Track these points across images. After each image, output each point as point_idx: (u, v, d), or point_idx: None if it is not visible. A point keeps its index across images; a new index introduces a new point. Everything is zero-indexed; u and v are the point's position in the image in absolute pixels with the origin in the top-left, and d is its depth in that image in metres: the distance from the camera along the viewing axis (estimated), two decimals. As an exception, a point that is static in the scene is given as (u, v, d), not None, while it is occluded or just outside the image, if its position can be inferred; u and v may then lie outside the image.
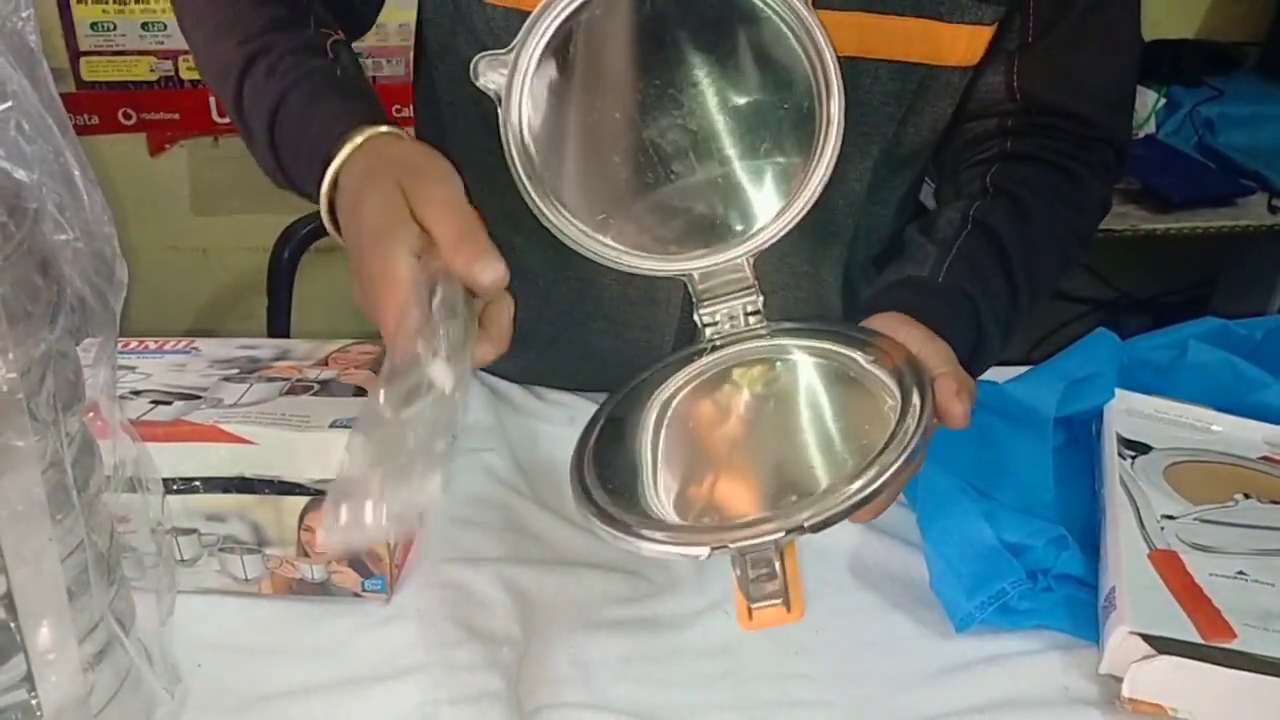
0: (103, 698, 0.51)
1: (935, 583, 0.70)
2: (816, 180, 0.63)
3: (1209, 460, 0.79)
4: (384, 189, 0.60)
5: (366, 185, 0.61)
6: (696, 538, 0.52)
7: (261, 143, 0.72)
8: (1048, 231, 0.81)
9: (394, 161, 0.62)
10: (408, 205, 0.58)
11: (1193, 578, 0.67)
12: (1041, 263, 0.80)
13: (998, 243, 0.78)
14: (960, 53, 0.79)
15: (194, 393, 0.69)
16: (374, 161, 0.63)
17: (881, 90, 0.79)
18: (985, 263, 0.77)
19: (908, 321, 0.66)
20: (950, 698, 0.64)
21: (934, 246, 0.78)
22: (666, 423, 0.61)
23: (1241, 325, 0.92)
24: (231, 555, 0.67)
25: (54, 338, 0.45)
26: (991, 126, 0.85)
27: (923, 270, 0.76)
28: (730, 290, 0.65)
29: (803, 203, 0.64)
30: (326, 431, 0.65)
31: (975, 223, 0.79)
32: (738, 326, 0.65)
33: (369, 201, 0.60)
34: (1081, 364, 0.85)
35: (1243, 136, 1.90)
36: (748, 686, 0.65)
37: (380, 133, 0.65)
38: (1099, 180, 0.85)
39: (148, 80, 1.98)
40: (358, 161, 0.64)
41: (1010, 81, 0.83)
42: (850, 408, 0.61)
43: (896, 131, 0.82)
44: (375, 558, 0.66)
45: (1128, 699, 0.62)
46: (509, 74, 0.63)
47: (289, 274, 1.40)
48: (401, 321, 0.55)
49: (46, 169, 0.46)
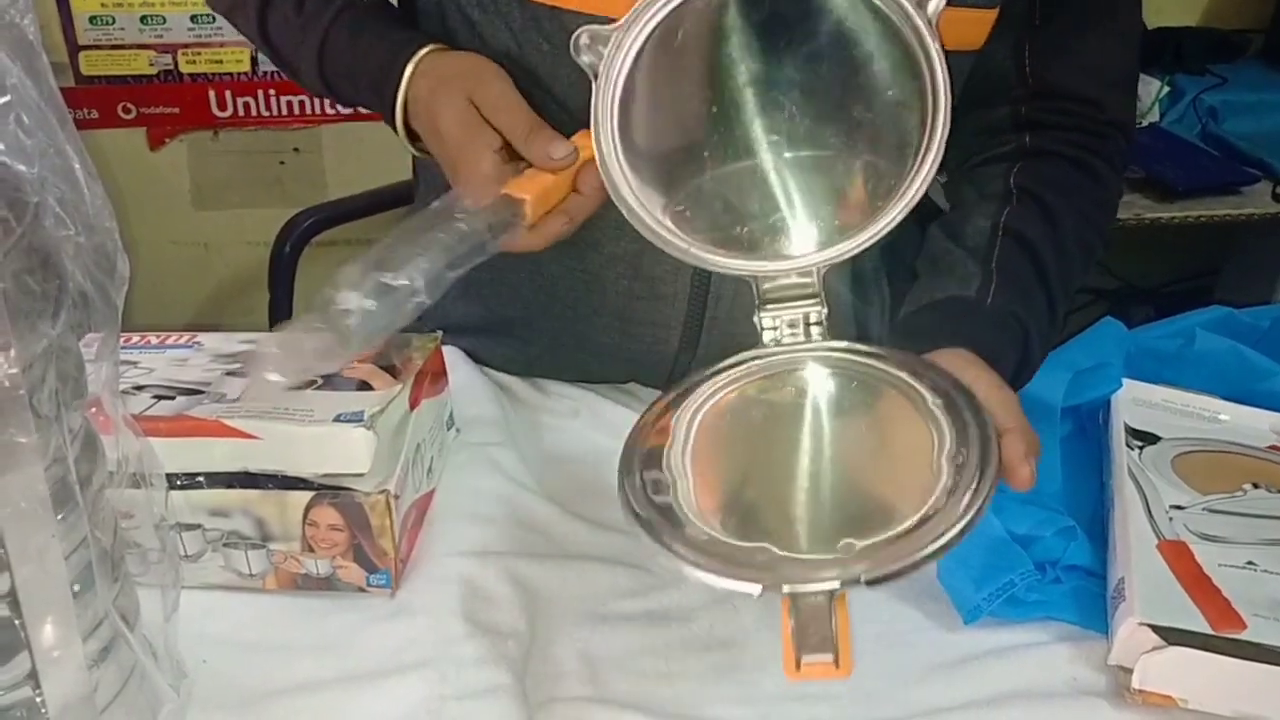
0: (108, 695, 0.50)
1: (943, 575, 0.70)
2: (906, 199, 0.60)
3: (1217, 450, 0.79)
4: (455, 102, 0.71)
5: (437, 101, 0.72)
6: (749, 572, 0.49)
7: (309, 75, 0.82)
8: (1076, 237, 0.81)
9: (454, 74, 0.73)
10: (478, 111, 0.70)
11: (1202, 568, 0.66)
12: (1072, 269, 0.81)
13: (1034, 254, 0.78)
14: (968, 37, 0.78)
15: (197, 388, 0.69)
16: (434, 80, 0.73)
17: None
18: (1027, 279, 0.78)
19: (975, 363, 0.65)
20: (958, 690, 0.64)
21: (973, 262, 0.77)
22: (717, 431, 0.59)
23: (1248, 314, 0.92)
24: (236, 550, 0.67)
25: (56, 333, 0.45)
26: (1004, 115, 0.85)
27: (969, 290, 0.76)
28: (795, 297, 0.63)
29: (886, 220, 0.61)
30: (330, 426, 0.64)
31: (1008, 232, 0.79)
32: (797, 336, 0.62)
33: (444, 117, 0.71)
34: (1088, 354, 0.85)
35: (1247, 124, 1.89)
36: (754, 680, 0.64)
37: (428, 50, 0.75)
38: (1115, 172, 0.85)
39: (147, 74, 1.97)
40: (420, 83, 0.74)
41: (1021, 64, 0.83)
42: (910, 446, 0.57)
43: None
44: (380, 552, 0.66)
45: (1137, 690, 0.62)
46: (609, 52, 0.63)
47: (290, 268, 1.40)
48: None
49: (47, 163, 0.46)
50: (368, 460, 0.64)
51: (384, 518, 0.65)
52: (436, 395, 0.76)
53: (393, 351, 0.73)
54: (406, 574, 0.69)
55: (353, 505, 0.64)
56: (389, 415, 0.66)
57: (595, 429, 0.85)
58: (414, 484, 0.70)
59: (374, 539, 0.65)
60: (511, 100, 0.70)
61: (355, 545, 0.66)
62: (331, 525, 0.65)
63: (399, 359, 0.72)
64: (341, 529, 0.65)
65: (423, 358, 0.73)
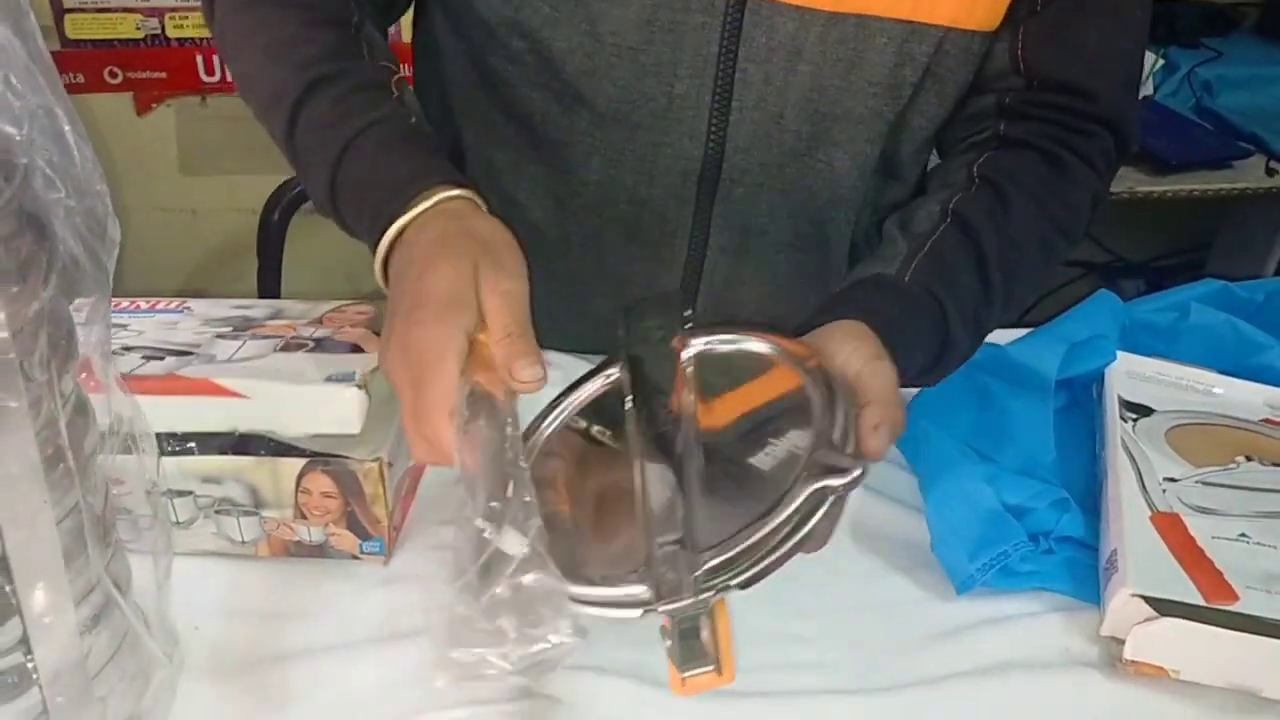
0: (100, 660, 0.50)
1: (936, 545, 0.70)
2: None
3: (1210, 423, 0.79)
4: (460, 263, 0.60)
5: (443, 251, 0.61)
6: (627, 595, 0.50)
7: (318, 175, 0.70)
8: (1029, 225, 0.78)
9: (475, 237, 0.62)
10: (484, 290, 0.59)
11: (1195, 540, 0.66)
12: (1020, 258, 0.77)
13: (974, 237, 0.75)
14: (979, 16, 0.77)
15: (186, 349, 0.68)
16: (453, 229, 0.63)
17: (895, 52, 0.77)
18: (957, 260, 0.75)
19: (857, 334, 0.64)
20: (951, 660, 0.64)
21: (906, 242, 0.75)
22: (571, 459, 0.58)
23: (1243, 287, 0.92)
24: (228, 517, 0.66)
25: (47, 296, 0.44)
26: (989, 104, 0.83)
27: (890, 268, 0.73)
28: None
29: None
30: (321, 385, 0.64)
31: (953, 215, 0.76)
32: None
33: (442, 268, 0.60)
34: (1083, 326, 0.85)
35: (1241, 98, 1.88)
36: (749, 649, 0.64)
37: (457, 196, 0.65)
38: (1092, 170, 0.82)
39: (134, 38, 1.94)
40: (433, 222, 0.64)
41: (1015, 50, 0.80)
42: (770, 436, 0.57)
43: (913, 96, 0.80)
44: (374, 520, 0.65)
45: (1129, 660, 0.62)
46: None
47: (279, 236, 1.39)
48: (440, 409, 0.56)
49: (36, 125, 0.45)
50: (359, 421, 0.64)
51: (377, 485, 0.64)
52: (429, 363, 0.76)
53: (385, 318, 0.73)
54: (400, 542, 0.69)
55: (346, 473, 0.64)
56: (380, 377, 0.66)
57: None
58: (406, 452, 0.70)
59: (367, 506, 0.65)
60: (516, 293, 0.60)
61: (348, 512, 0.65)
62: (324, 493, 0.65)
63: (392, 326, 0.72)
64: (335, 496, 0.65)
65: (416, 325, 0.72)
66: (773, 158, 0.81)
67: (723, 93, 0.78)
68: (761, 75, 0.77)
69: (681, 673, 0.49)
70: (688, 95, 0.78)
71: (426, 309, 0.59)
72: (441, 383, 0.56)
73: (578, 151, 0.83)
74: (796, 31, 0.75)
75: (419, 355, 0.57)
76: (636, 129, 0.80)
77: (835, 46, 0.76)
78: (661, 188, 0.82)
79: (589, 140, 0.82)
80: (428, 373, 0.57)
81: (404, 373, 0.58)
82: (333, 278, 2.07)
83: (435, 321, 0.58)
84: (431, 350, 0.57)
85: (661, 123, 0.80)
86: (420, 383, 0.57)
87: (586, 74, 0.78)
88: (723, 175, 0.81)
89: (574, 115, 0.81)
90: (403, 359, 0.59)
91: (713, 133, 0.80)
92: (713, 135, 0.80)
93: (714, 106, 0.79)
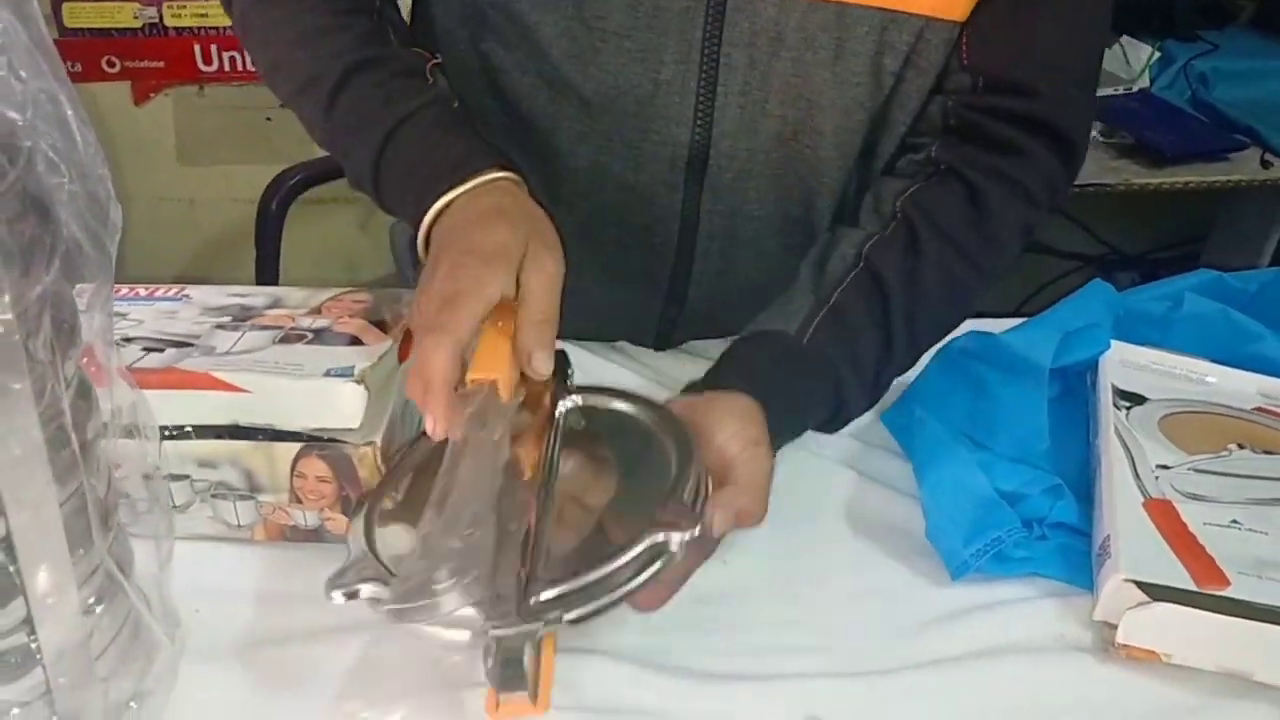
0: (102, 641, 0.50)
1: (931, 531, 0.71)
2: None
3: (1203, 411, 0.80)
4: (515, 228, 0.63)
5: (499, 216, 0.65)
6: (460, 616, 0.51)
7: (362, 154, 0.74)
8: (941, 273, 0.78)
9: (530, 214, 0.67)
10: (527, 259, 0.62)
11: (1187, 526, 0.67)
12: (928, 308, 0.78)
13: (882, 289, 0.76)
14: (960, 7, 0.77)
15: (186, 340, 0.68)
16: (507, 201, 0.67)
17: (875, 41, 0.78)
18: (860, 318, 0.75)
19: (742, 413, 0.66)
20: (945, 644, 0.65)
21: (813, 293, 0.76)
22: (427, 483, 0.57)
23: (1237, 278, 0.92)
24: (224, 502, 0.67)
25: (50, 279, 0.44)
26: (936, 115, 0.81)
27: (792, 325, 0.74)
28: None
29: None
30: (320, 380, 0.64)
31: (865, 262, 0.77)
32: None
33: (499, 227, 0.63)
34: (1077, 315, 0.85)
35: (1237, 91, 1.88)
36: (746, 633, 0.65)
37: (509, 177, 0.69)
38: (1027, 203, 0.80)
39: (131, 27, 1.94)
40: (488, 195, 0.68)
41: (962, 43, 0.78)
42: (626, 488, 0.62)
43: (895, 87, 0.81)
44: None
45: (1121, 645, 0.63)
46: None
47: (277, 225, 1.39)
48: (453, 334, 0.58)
49: (39, 111, 0.45)
50: (358, 415, 0.64)
51: (372, 469, 0.65)
52: (428, 350, 0.76)
53: (383, 306, 0.73)
54: (397, 527, 0.69)
55: (341, 457, 0.64)
56: (379, 370, 0.66)
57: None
58: (402, 438, 0.70)
59: (362, 490, 0.65)
60: (555, 276, 0.63)
61: (343, 497, 0.66)
62: (319, 477, 0.65)
63: (389, 314, 0.72)
64: (329, 481, 0.65)
65: (414, 312, 0.72)
66: (759, 144, 0.82)
67: (708, 79, 0.78)
68: (746, 60, 0.78)
69: (497, 695, 0.51)
70: (674, 81, 0.79)
71: (474, 255, 0.62)
72: (464, 312, 0.59)
73: (566, 138, 0.83)
74: (778, 17, 0.76)
75: (454, 285, 0.60)
76: (624, 116, 0.81)
77: (817, 34, 0.77)
78: (650, 174, 0.83)
79: (577, 127, 0.82)
80: (456, 299, 0.59)
81: (431, 305, 0.60)
82: (331, 267, 2.08)
83: (480, 265, 0.61)
84: (466, 283, 0.60)
85: (649, 109, 0.80)
86: (446, 305, 0.59)
87: (573, 59, 0.79)
88: (710, 161, 0.82)
89: (562, 102, 0.81)
90: (437, 291, 0.61)
91: (699, 119, 0.80)
92: (699, 121, 0.80)
93: (700, 93, 0.79)
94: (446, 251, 0.64)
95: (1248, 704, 0.62)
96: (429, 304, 0.61)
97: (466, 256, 0.62)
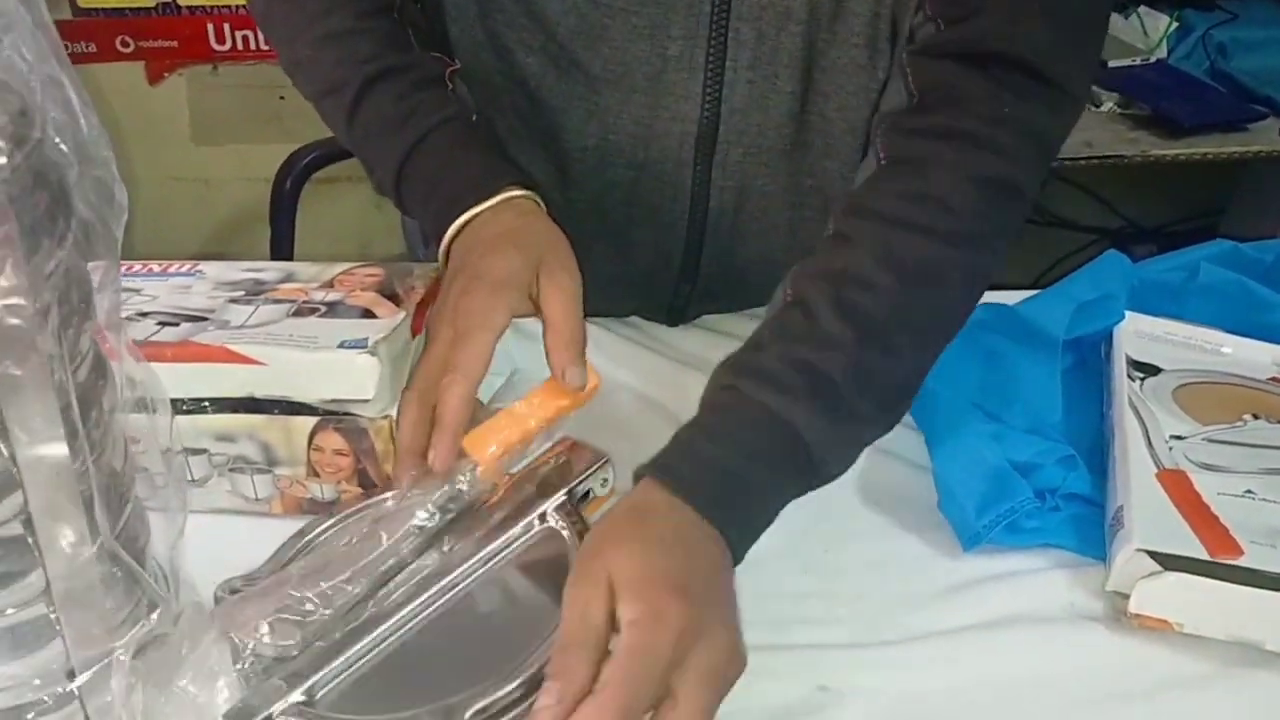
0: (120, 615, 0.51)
1: (943, 503, 0.71)
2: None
3: (1218, 381, 0.79)
4: (524, 252, 0.66)
5: (509, 239, 0.68)
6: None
7: (385, 165, 0.75)
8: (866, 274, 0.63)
9: (544, 233, 0.69)
10: (537, 277, 0.65)
11: (1200, 496, 0.67)
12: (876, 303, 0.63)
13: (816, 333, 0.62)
14: None
15: (200, 314, 0.69)
16: (520, 224, 0.70)
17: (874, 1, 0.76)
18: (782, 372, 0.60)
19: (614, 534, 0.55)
20: (958, 615, 0.65)
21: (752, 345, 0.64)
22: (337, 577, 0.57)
23: (1252, 248, 0.91)
24: (242, 475, 0.67)
25: (64, 254, 0.45)
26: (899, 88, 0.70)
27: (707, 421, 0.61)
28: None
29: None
30: (335, 352, 0.65)
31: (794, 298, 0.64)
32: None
33: (507, 251, 0.67)
34: (1091, 286, 0.85)
35: (1255, 61, 1.86)
36: (759, 604, 0.65)
37: (525, 196, 0.71)
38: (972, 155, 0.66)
39: (145, 7, 1.95)
40: (503, 214, 0.70)
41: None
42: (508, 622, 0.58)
43: (893, 51, 0.79)
44: (384, 477, 0.66)
45: (1134, 614, 0.63)
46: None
47: (291, 204, 1.40)
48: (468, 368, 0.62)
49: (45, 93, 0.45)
50: (372, 386, 0.65)
51: (388, 442, 0.65)
52: (440, 324, 0.76)
53: (395, 280, 0.73)
54: (412, 500, 0.70)
55: (357, 430, 0.65)
56: (392, 342, 0.66)
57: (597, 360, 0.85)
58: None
59: (378, 463, 0.66)
60: (574, 293, 0.66)
61: (360, 470, 0.66)
62: (336, 450, 0.66)
63: (401, 287, 0.72)
64: (346, 454, 0.66)
65: (424, 286, 0.73)
66: (769, 118, 0.81)
67: (716, 54, 0.78)
68: (754, 34, 0.77)
69: None
70: (682, 57, 0.78)
71: (483, 281, 0.65)
72: (474, 350, 0.62)
73: (575, 117, 0.83)
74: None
75: (465, 318, 0.63)
76: (632, 93, 0.80)
77: (822, 2, 0.76)
78: (659, 151, 0.83)
79: (586, 105, 0.82)
80: (467, 337, 0.62)
81: (446, 331, 0.64)
82: (345, 245, 2.08)
83: (489, 293, 0.64)
84: (477, 316, 0.63)
85: (657, 85, 0.80)
86: (459, 340, 0.63)
87: (580, 36, 0.79)
88: (720, 137, 0.82)
89: (570, 80, 0.81)
90: (449, 319, 0.64)
91: (708, 94, 0.80)
92: (708, 97, 0.80)
93: (708, 68, 0.79)
94: (460, 274, 0.67)
95: (1260, 673, 0.62)
96: (444, 328, 0.64)
97: (475, 283, 0.65)
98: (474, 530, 0.59)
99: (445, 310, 0.65)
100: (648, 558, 0.53)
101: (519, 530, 0.59)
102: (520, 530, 0.59)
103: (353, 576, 0.55)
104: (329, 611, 0.54)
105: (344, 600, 0.55)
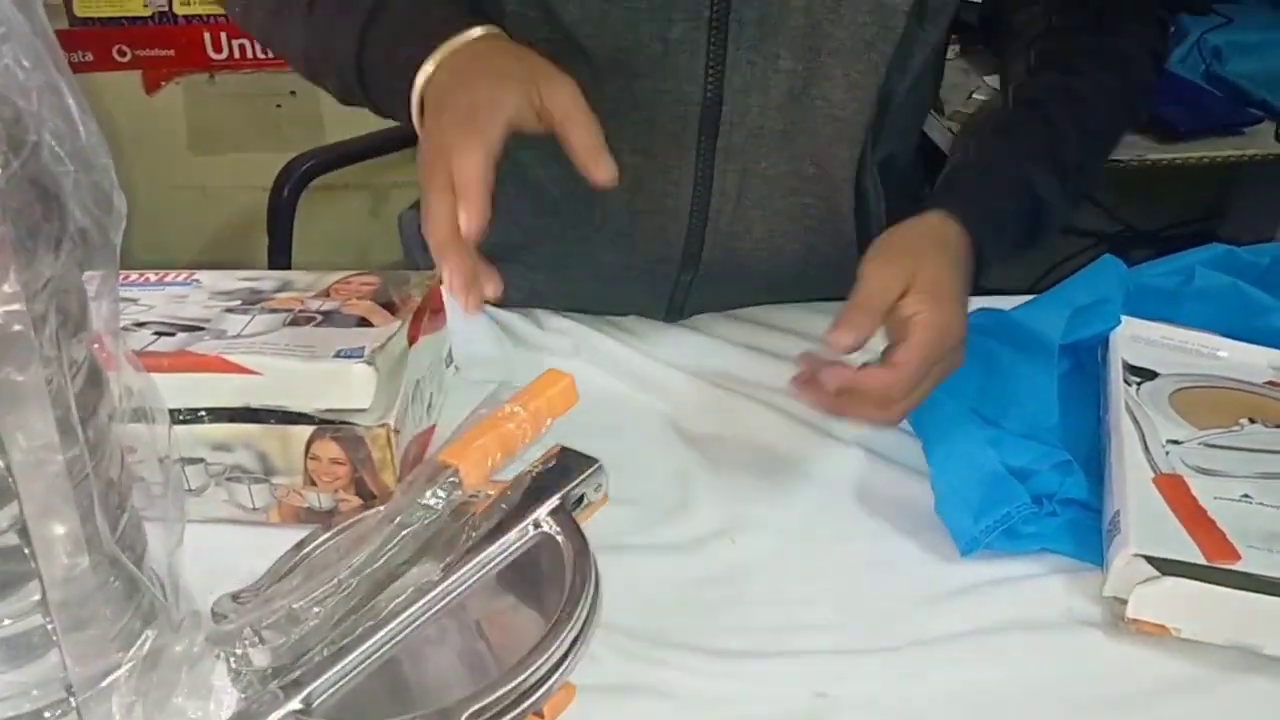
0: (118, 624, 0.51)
1: (940, 507, 0.71)
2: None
3: (1215, 385, 0.79)
4: (518, 58, 0.66)
5: (496, 54, 0.67)
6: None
7: (343, 44, 0.75)
8: (1092, 85, 0.83)
9: (527, 53, 0.68)
10: (538, 79, 0.64)
11: (1197, 501, 0.67)
12: (1090, 112, 0.83)
13: (1041, 110, 0.81)
14: None
15: (197, 324, 0.69)
16: (500, 44, 0.69)
17: None
18: (1021, 131, 0.81)
19: (934, 239, 0.71)
20: (955, 620, 0.65)
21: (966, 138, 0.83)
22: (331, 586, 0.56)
23: (1249, 251, 0.91)
24: (239, 485, 0.67)
25: (59, 263, 0.45)
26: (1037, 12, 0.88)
27: (968, 156, 0.80)
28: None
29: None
30: (331, 361, 0.65)
31: (1016, 101, 0.83)
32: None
33: (504, 56, 0.67)
34: (1088, 290, 0.85)
35: (1251, 64, 1.86)
36: (753, 610, 0.65)
37: (495, 32, 0.70)
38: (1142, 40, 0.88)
39: (142, 16, 1.95)
40: (479, 44, 0.68)
41: None
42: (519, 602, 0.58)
43: (907, 27, 0.80)
44: (382, 486, 0.66)
45: (1131, 620, 0.63)
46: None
47: (289, 212, 1.40)
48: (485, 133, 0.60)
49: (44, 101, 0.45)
50: (369, 396, 0.65)
51: (385, 451, 0.65)
52: (435, 331, 0.76)
53: (391, 288, 0.73)
54: (409, 509, 0.69)
55: (354, 439, 0.65)
56: (388, 351, 0.66)
57: (594, 365, 0.86)
58: (414, 419, 0.71)
59: (375, 472, 0.66)
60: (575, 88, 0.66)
61: (357, 479, 0.66)
62: (333, 459, 0.66)
63: (398, 295, 0.72)
64: (343, 463, 0.66)
65: (421, 294, 0.73)
66: (771, 100, 0.81)
67: (718, 35, 0.78)
68: (756, 15, 0.77)
69: None
70: (684, 39, 0.79)
71: (484, 77, 0.64)
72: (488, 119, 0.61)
73: None
74: None
75: (470, 103, 0.62)
76: (635, 77, 0.81)
77: None
78: (663, 136, 0.83)
79: (589, 93, 0.82)
80: (475, 113, 0.61)
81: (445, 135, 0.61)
82: (343, 254, 2.08)
83: (492, 84, 0.63)
84: (481, 99, 0.62)
85: (659, 69, 0.80)
86: (467, 119, 0.61)
87: (583, 22, 0.79)
88: (723, 119, 0.82)
89: (573, 68, 0.81)
90: (449, 119, 0.62)
91: (710, 77, 0.80)
92: (710, 80, 0.80)
93: (710, 50, 0.79)
94: (449, 93, 0.65)
95: (1258, 678, 0.62)
96: (440, 136, 0.62)
97: (477, 80, 0.64)
98: (467, 537, 0.59)
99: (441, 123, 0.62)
100: (952, 273, 0.70)
101: (513, 536, 0.59)
102: (515, 536, 0.59)
103: (343, 583, 0.55)
104: (321, 620, 0.54)
105: (337, 607, 0.54)
